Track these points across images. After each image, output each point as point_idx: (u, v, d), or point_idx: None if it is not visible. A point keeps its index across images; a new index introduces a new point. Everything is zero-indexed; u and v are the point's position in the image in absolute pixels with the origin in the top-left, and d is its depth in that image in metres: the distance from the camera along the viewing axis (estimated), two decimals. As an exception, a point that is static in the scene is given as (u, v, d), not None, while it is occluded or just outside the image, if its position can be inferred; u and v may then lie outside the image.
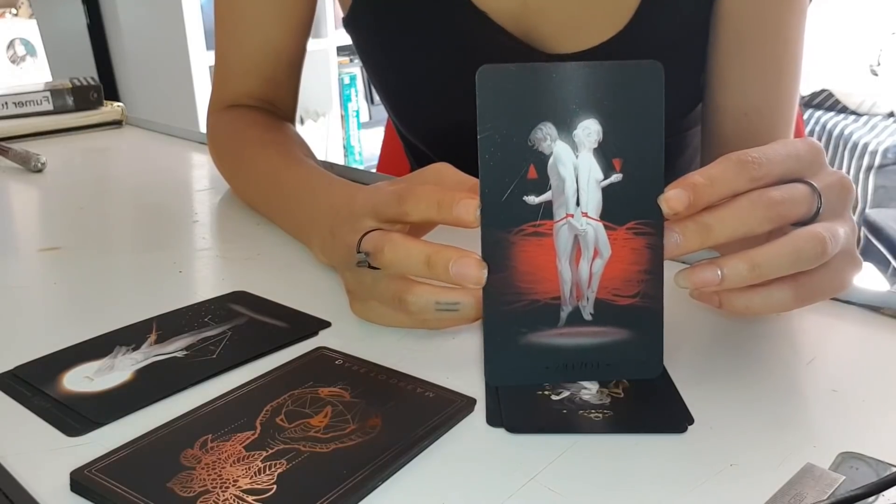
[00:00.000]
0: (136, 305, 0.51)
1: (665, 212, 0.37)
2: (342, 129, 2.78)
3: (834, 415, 0.39)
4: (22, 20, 2.93)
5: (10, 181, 0.84)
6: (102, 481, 0.34)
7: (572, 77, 0.37)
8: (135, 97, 2.25)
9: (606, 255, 0.38)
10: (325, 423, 0.38)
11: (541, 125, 0.37)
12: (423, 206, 0.41)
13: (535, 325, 0.39)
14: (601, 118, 0.37)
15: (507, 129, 0.37)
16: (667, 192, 0.37)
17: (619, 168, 0.38)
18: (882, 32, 2.52)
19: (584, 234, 0.38)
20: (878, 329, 0.48)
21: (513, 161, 0.37)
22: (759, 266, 0.38)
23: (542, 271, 0.38)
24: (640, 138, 0.38)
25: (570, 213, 0.38)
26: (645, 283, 0.38)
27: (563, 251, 0.38)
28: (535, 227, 0.38)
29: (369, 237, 0.43)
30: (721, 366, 0.43)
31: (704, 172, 0.38)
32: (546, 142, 0.37)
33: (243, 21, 0.75)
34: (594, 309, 0.39)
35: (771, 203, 0.38)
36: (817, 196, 0.40)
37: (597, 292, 0.39)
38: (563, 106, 0.37)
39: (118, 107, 1.09)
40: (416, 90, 0.76)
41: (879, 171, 2.28)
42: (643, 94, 0.37)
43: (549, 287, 0.39)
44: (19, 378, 0.43)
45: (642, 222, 0.38)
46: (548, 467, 0.35)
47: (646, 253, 0.38)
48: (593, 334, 0.39)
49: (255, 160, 0.69)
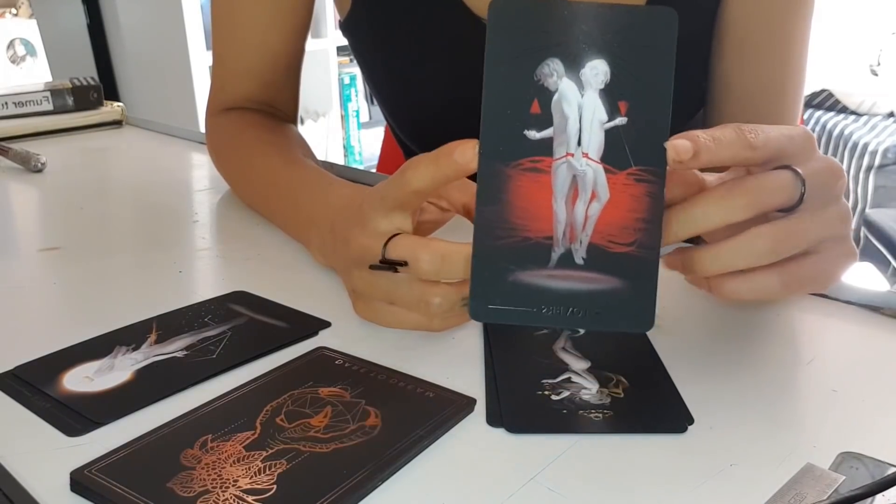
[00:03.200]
0: (136, 305, 0.51)
1: (671, 157, 0.37)
2: (342, 129, 2.78)
3: (834, 415, 0.39)
4: (22, 20, 2.93)
5: (10, 181, 0.84)
6: (102, 481, 0.34)
7: (585, 15, 0.37)
8: (135, 97, 2.25)
9: (604, 199, 0.37)
10: (325, 423, 0.38)
11: (548, 60, 0.37)
12: (423, 168, 0.41)
13: (525, 262, 0.37)
14: (610, 59, 0.37)
15: (515, 60, 0.37)
16: (674, 139, 0.37)
17: (625, 112, 0.37)
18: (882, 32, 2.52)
19: (582, 175, 0.37)
20: (878, 329, 0.48)
21: (517, 93, 0.37)
22: (718, 258, 0.39)
23: (537, 208, 0.37)
24: (649, 84, 0.37)
25: (570, 153, 0.37)
26: (642, 231, 0.37)
27: (559, 190, 0.37)
28: (533, 163, 0.37)
29: (398, 245, 0.42)
30: (721, 366, 0.43)
31: (708, 132, 0.38)
32: (552, 77, 0.37)
33: (240, 24, 0.75)
34: (587, 253, 0.37)
35: (751, 190, 0.38)
36: (800, 182, 0.39)
37: (591, 236, 0.37)
38: (573, 43, 0.37)
39: (118, 107, 1.09)
40: (413, 94, 0.75)
41: (879, 171, 2.28)
42: (655, 40, 0.37)
43: (542, 225, 0.37)
44: (19, 378, 0.43)
45: (644, 169, 0.37)
46: (548, 467, 0.35)
47: (645, 201, 0.37)
48: (584, 279, 0.37)
49: (254, 161, 0.69)
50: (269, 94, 0.78)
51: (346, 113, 2.78)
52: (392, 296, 0.44)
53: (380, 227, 0.44)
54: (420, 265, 0.41)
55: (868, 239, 1.90)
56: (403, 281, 0.43)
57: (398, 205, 0.43)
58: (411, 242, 0.42)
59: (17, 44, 2.84)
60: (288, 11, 0.74)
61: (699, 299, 0.50)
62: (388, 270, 0.43)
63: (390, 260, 0.42)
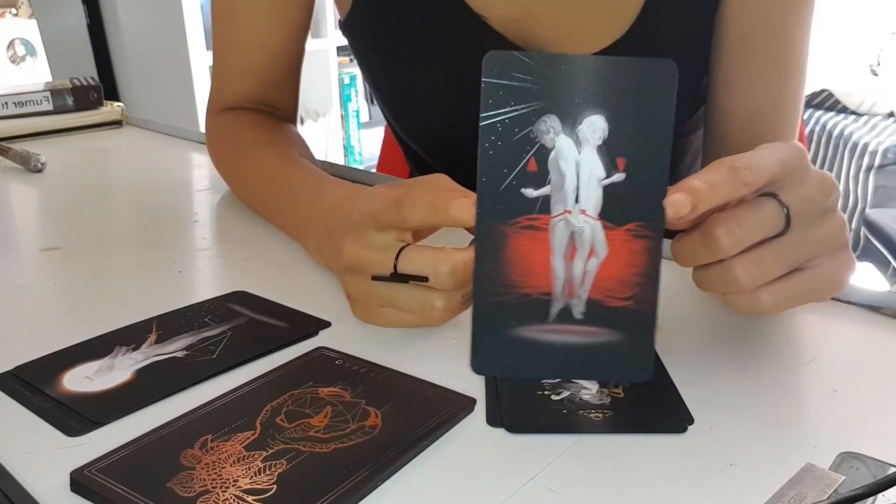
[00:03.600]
0: (136, 305, 0.51)
1: (670, 216, 0.37)
2: (342, 129, 2.78)
3: (834, 415, 0.39)
4: (22, 20, 2.93)
5: (10, 181, 0.84)
6: (102, 481, 0.34)
7: (581, 70, 0.36)
8: (135, 97, 2.25)
9: (603, 255, 0.38)
10: (325, 423, 0.38)
11: (545, 117, 0.37)
12: (420, 210, 0.41)
13: (524, 318, 0.38)
14: (608, 115, 0.36)
15: (510, 118, 0.37)
16: (672, 196, 0.37)
17: (623, 167, 0.37)
18: (882, 32, 2.52)
19: (580, 232, 0.37)
20: (878, 329, 0.48)
21: (513, 151, 0.37)
22: (708, 282, 0.40)
23: (535, 265, 0.38)
24: (648, 138, 0.37)
25: (567, 210, 0.37)
26: (640, 286, 0.38)
27: (557, 247, 0.38)
28: (531, 221, 0.37)
29: (412, 258, 0.42)
30: (721, 366, 0.43)
31: (703, 178, 0.38)
32: (549, 135, 0.37)
33: (240, 24, 0.75)
34: (585, 308, 0.38)
35: (733, 230, 0.38)
36: (784, 211, 0.39)
37: (590, 292, 0.38)
38: (569, 99, 0.36)
39: (118, 107, 1.09)
40: (414, 95, 0.75)
41: (879, 171, 2.28)
42: (654, 93, 0.36)
43: (540, 282, 0.38)
44: (19, 378, 0.43)
45: (642, 224, 0.37)
46: (548, 467, 0.35)
47: (644, 256, 0.37)
48: (583, 333, 0.38)
49: (252, 161, 0.69)
50: (268, 94, 0.78)
51: (346, 113, 2.78)
52: (393, 303, 0.44)
53: (374, 240, 0.44)
54: (441, 279, 0.41)
55: (868, 239, 1.90)
56: (403, 288, 0.43)
57: (387, 227, 0.44)
58: (428, 256, 0.42)
59: (17, 44, 2.84)
60: (288, 11, 0.74)
61: (699, 300, 0.50)
62: (398, 283, 0.43)
63: (405, 274, 0.42)
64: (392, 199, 0.43)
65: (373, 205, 0.44)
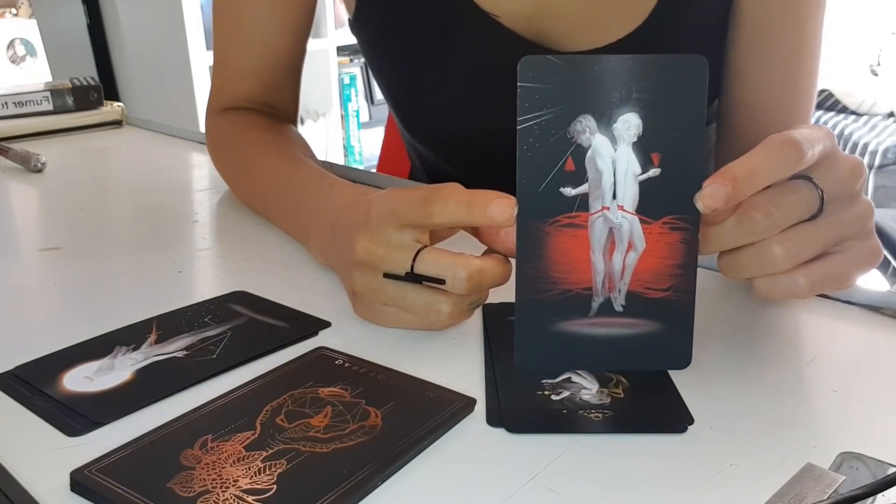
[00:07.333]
0: (136, 305, 0.51)
1: (701, 210, 0.37)
2: (342, 129, 2.78)
3: (834, 415, 0.39)
4: (22, 20, 2.93)
5: (10, 181, 0.84)
6: (102, 481, 0.34)
7: (614, 69, 0.37)
8: (135, 97, 2.26)
9: (641, 249, 0.38)
10: (325, 423, 0.38)
11: (580, 118, 0.37)
12: (452, 208, 0.41)
13: (567, 314, 0.39)
14: (642, 111, 0.37)
15: (547, 120, 0.37)
16: (703, 190, 0.37)
17: (658, 162, 0.38)
18: (882, 32, 2.52)
19: (618, 228, 0.38)
20: (878, 329, 0.48)
21: (551, 152, 0.38)
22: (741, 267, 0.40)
23: (576, 262, 0.39)
24: (681, 132, 0.37)
25: (605, 206, 0.38)
26: (678, 277, 0.39)
27: (597, 243, 0.39)
28: (570, 219, 0.38)
29: (431, 261, 0.42)
30: (721, 366, 0.43)
31: (747, 162, 0.38)
32: (585, 134, 0.37)
33: (242, 24, 0.75)
34: (626, 301, 0.39)
35: (772, 213, 0.39)
36: (819, 193, 0.40)
37: (629, 284, 0.39)
38: (603, 98, 0.37)
39: (118, 107, 1.09)
40: (423, 94, 0.75)
41: (879, 171, 2.28)
42: (685, 88, 0.37)
43: (581, 277, 0.39)
44: (19, 378, 0.43)
45: (679, 217, 0.38)
46: (548, 467, 0.35)
47: (680, 248, 0.38)
48: (624, 325, 0.39)
49: (254, 161, 0.69)
50: (269, 95, 0.77)
51: (346, 113, 2.78)
52: (399, 302, 0.44)
53: (391, 238, 0.44)
54: (458, 283, 0.42)
55: (868, 239, 1.90)
56: (411, 287, 0.43)
57: (412, 225, 0.43)
58: (448, 260, 0.42)
59: (17, 44, 2.84)
60: (289, 11, 0.74)
61: (699, 300, 0.50)
62: (411, 283, 0.43)
63: (420, 275, 0.42)
64: (418, 196, 0.43)
65: (395, 202, 0.44)
